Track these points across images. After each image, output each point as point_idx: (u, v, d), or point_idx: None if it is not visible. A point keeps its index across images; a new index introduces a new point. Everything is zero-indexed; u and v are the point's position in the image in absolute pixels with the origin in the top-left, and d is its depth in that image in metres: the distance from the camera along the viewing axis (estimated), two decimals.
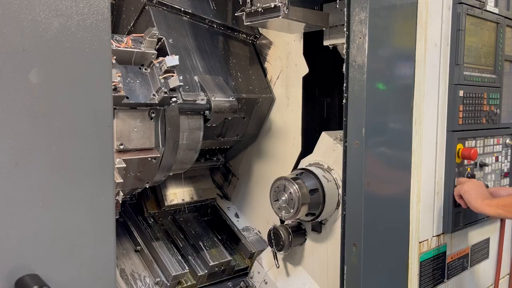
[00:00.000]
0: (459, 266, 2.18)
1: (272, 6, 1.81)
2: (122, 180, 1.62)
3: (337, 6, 1.97)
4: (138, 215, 2.35)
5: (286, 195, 1.89)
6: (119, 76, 1.61)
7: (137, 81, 1.72)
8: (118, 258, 2.11)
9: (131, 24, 2.15)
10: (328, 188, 1.89)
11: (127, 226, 2.27)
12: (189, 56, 2.10)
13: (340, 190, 1.89)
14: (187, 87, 1.96)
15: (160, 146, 1.82)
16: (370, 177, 1.67)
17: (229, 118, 2.12)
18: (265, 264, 2.28)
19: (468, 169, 2.11)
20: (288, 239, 2.02)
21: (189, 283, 2.21)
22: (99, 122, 1.03)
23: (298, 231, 2.07)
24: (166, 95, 1.70)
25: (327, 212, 1.93)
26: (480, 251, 2.33)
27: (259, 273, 2.30)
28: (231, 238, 2.53)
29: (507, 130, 2.35)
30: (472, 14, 2.01)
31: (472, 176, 2.10)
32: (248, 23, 1.93)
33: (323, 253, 2.02)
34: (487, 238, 2.38)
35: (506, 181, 2.39)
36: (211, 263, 2.25)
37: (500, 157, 2.33)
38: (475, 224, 2.20)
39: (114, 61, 1.61)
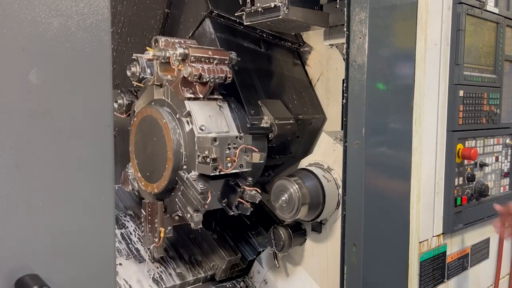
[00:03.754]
0: (459, 266, 2.17)
1: (272, 6, 1.81)
2: None
3: (337, 6, 1.97)
4: None
5: (286, 195, 1.89)
6: None
7: None
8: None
9: (189, 35, 2.17)
10: (328, 188, 1.89)
11: None
12: (251, 80, 2.12)
13: (340, 190, 1.89)
14: (252, 111, 2.02)
15: None
16: (370, 177, 1.67)
17: (288, 138, 2.15)
18: (265, 264, 2.27)
19: (468, 169, 2.11)
20: (288, 239, 2.02)
21: (189, 283, 2.21)
22: (99, 122, 1.03)
23: (298, 231, 2.07)
24: None
25: (327, 212, 1.93)
26: (480, 251, 2.33)
27: (259, 273, 2.30)
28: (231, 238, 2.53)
29: (507, 130, 2.35)
30: (472, 14, 2.01)
31: (473, 176, 2.10)
32: (248, 23, 1.92)
33: (323, 253, 2.02)
34: (487, 238, 2.38)
35: (506, 181, 2.39)
36: (211, 263, 2.25)
37: (500, 157, 2.33)
38: (475, 224, 2.19)
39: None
